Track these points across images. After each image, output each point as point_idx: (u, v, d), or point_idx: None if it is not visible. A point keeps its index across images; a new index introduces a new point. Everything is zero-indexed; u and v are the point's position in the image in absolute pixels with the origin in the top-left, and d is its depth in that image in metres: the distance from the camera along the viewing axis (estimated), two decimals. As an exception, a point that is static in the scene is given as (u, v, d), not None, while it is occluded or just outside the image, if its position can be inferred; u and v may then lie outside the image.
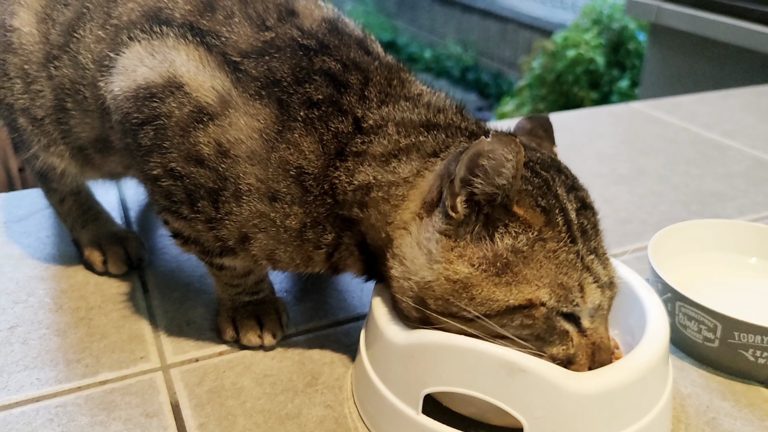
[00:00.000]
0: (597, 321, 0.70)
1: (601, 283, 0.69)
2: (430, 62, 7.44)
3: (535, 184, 0.70)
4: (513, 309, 0.66)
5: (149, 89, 0.77)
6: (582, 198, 0.74)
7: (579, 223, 0.70)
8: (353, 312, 1.00)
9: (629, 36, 4.14)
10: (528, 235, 0.67)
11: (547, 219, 0.68)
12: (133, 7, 0.83)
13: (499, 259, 0.67)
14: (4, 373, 0.86)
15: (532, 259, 0.67)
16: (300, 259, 0.81)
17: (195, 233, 0.82)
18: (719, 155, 1.62)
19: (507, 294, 0.66)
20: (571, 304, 0.67)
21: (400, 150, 0.75)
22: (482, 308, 0.67)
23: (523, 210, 0.68)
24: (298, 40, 0.79)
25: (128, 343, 0.92)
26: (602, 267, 0.70)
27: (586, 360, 0.70)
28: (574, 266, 0.67)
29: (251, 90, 0.76)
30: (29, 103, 0.93)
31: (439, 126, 0.77)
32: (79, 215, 1.11)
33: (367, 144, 0.75)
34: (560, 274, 0.67)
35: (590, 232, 0.71)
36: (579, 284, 0.67)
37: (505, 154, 0.64)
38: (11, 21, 0.91)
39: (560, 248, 0.67)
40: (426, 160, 0.74)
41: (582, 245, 0.69)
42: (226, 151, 0.75)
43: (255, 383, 0.85)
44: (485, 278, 0.67)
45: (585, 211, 0.72)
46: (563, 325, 0.68)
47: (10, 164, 3.46)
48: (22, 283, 1.05)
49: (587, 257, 0.69)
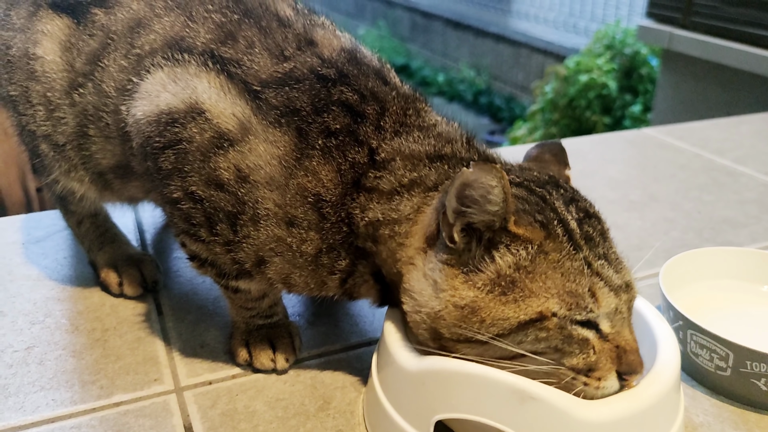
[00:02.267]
0: (618, 325, 0.70)
1: (614, 286, 0.69)
2: (443, 86, 7.49)
3: (531, 202, 0.71)
4: (525, 324, 0.67)
5: (171, 114, 0.79)
6: (584, 208, 0.74)
7: (583, 231, 0.71)
8: (365, 336, 1.00)
9: (642, 61, 4.16)
10: (529, 250, 0.68)
11: (546, 232, 0.69)
12: (156, 37, 0.85)
13: (503, 278, 0.68)
14: (21, 393, 0.88)
15: (536, 272, 0.68)
16: (314, 284, 0.82)
17: (212, 256, 0.84)
18: (731, 181, 1.62)
19: (516, 310, 0.67)
20: (585, 310, 0.67)
21: (403, 186, 0.76)
22: (494, 329, 0.67)
23: (522, 229, 0.69)
24: (317, 69, 0.81)
25: (142, 365, 0.93)
26: (614, 271, 0.70)
27: (611, 364, 0.69)
28: (581, 273, 0.68)
29: (271, 118, 0.78)
30: (51, 129, 0.95)
31: (445, 157, 0.78)
32: (96, 237, 1.13)
33: (378, 180, 0.77)
34: (567, 282, 0.67)
35: (597, 239, 0.71)
36: (590, 290, 0.68)
37: (489, 181, 0.65)
38: (34, 49, 0.93)
39: (564, 257, 0.68)
40: (426, 195, 0.76)
41: (588, 251, 0.69)
42: (245, 176, 0.77)
43: (267, 407, 0.86)
44: (492, 299, 0.68)
45: (589, 219, 0.73)
46: (581, 333, 0.68)
47: (28, 184, 3.51)
48: (40, 304, 1.07)
49: (595, 263, 0.69)
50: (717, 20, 2.65)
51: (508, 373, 0.68)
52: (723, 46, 2.59)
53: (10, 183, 3.45)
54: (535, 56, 6.57)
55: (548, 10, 6.67)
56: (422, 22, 8.54)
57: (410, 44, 8.76)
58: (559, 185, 0.76)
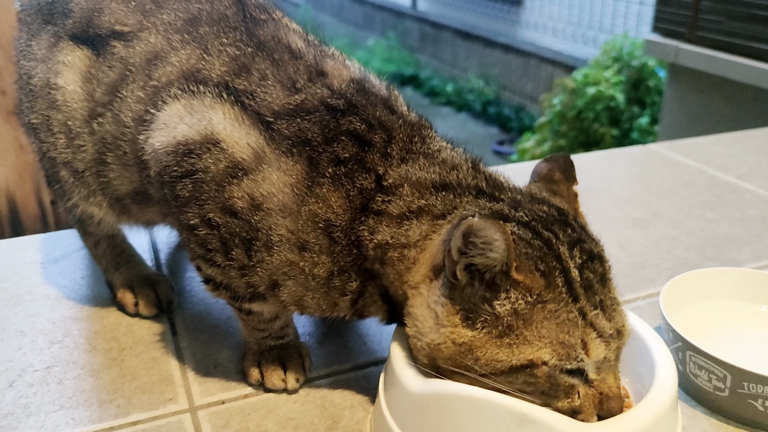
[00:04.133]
0: (604, 372, 0.73)
1: (606, 337, 0.72)
2: (452, 96, 7.52)
3: (535, 246, 0.73)
4: (516, 369, 0.70)
5: (188, 146, 0.82)
6: (589, 250, 0.76)
7: (584, 278, 0.73)
8: (373, 356, 1.03)
9: (649, 73, 4.18)
10: (528, 299, 0.71)
11: (546, 282, 0.71)
12: (172, 69, 0.89)
13: (500, 322, 0.71)
14: (42, 412, 0.91)
15: (532, 321, 0.70)
16: (326, 305, 0.85)
17: (227, 279, 0.87)
18: (735, 198, 1.64)
19: (509, 355, 0.70)
20: (575, 360, 0.70)
21: (412, 212, 0.79)
22: (487, 368, 0.71)
23: (522, 275, 0.71)
24: (327, 101, 0.84)
25: (158, 385, 0.96)
26: (607, 320, 0.72)
27: (593, 409, 0.73)
28: (575, 324, 0.70)
29: (283, 147, 0.81)
30: (71, 157, 0.99)
31: (450, 185, 0.80)
32: (113, 258, 1.17)
33: (386, 204, 0.80)
34: (561, 333, 0.70)
35: (596, 286, 0.73)
36: (582, 341, 0.70)
37: (492, 235, 0.68)
38: (56, 79, 0.97)
39: (561, 308, 0.71)
40: (434, 223, 0.78)
41: (585, 302, 0.72)
42: (259, 204, 0.80)
43: (279, 426, 0.89)
44: (488, 340, 0.71)
45: (591, 263, 0.75)
46: (568, 381, 0.71)
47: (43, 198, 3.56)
48: (59, 323, 1.10)
49: (590, 313, 0.71)
50: (722, 35, 2.68)
51: (509, 397, 0.71)
52: (728, 61, 2.61)
53: (26, 196, 3.51)
54: (544, 66, 6.60)
55: (557, 21, 6.69)
56: (431, 33, 8.58)
57: (419, 54, 8.81)
58: (567, 223, 0.77)
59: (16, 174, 3.49)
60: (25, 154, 3.41)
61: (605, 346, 0.71)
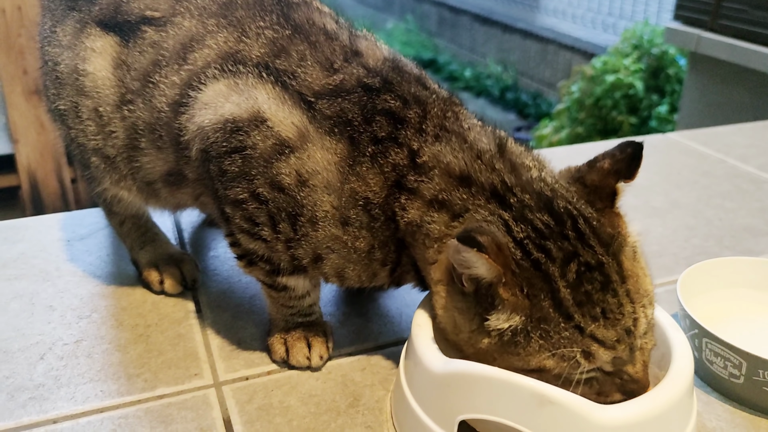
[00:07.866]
0: (620, 365, 0.75)
1: (610, 343, 0.72)
2: (471, 81, 7.49)
3: (524, 268, 0.73)
4: (530, 371, 0.73)
5: (236, 123, 0.85)
6: (586, 262, 0.73)
7: (579, 294, 0.72)
8: (393, 336, 1.06)
9: (669, 61, 4.14)
10: (519, 318, 0.72)
11: (531, 304, 0.72)
12: (209, 51, 0.91)
13: (506, 333, 0.73)
14: (72, 384, 0.94)
15: (530, 337, 0.72)
16: (366, 276, 0.89)
17: (271, 253, 0.90)
18: (754, 189, 1.64)
19: (520, 361, 0.73)
20: (581, 367, 0.72)
21: (438, 202, 0.81)
22: (506, 368, 0.74)
23: (509, 294, 0.72)
24: (364, 80, 0.86)
25: (183, 360, 0.99)
26: (612, 327, 0.72)
27: (615, 392, 0.75)
28: (572, 341, 0.71)
29: (326, 127, 0.84)
30: (102, 143, 1.00)
31: (470, 180, 0.80)
32: (138, 237, 1.19)
33: (419, 183, 0.82)
34: (559, 349, 0.72)
35: (596, 296, 0.72)
36: (583, 351, 0.72)
37: (470, 257, 0.71)
38: (84, 65, 0.98)
39: (552, 329, 0.72)
40: (450, 224, 0.80)
41: (581, 317, 0.71)
42: (305, 180, 0.83)
43: (301, 402, 0.91)
44: (501, 346, 0.74)
45: (591, 273, 0.73)
46: (581, 377, 0.73)
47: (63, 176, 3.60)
48: (86, 299, 1.13)
49: (589, 327, 0.71)
50: (744, 23, 2.65)
51: (529, 378, 0.72)
52: (750, 50, 2.59)
53: (47, 174, 3.56)
54: (562, 53, 6.54)
55: (576, 7, 6.63)
56: (450, 17, 8.53)
57: (438, 39, 8.77)
58: (564, 235, 0.74)
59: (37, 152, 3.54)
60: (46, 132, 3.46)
61: (611, 351, 0.72)
